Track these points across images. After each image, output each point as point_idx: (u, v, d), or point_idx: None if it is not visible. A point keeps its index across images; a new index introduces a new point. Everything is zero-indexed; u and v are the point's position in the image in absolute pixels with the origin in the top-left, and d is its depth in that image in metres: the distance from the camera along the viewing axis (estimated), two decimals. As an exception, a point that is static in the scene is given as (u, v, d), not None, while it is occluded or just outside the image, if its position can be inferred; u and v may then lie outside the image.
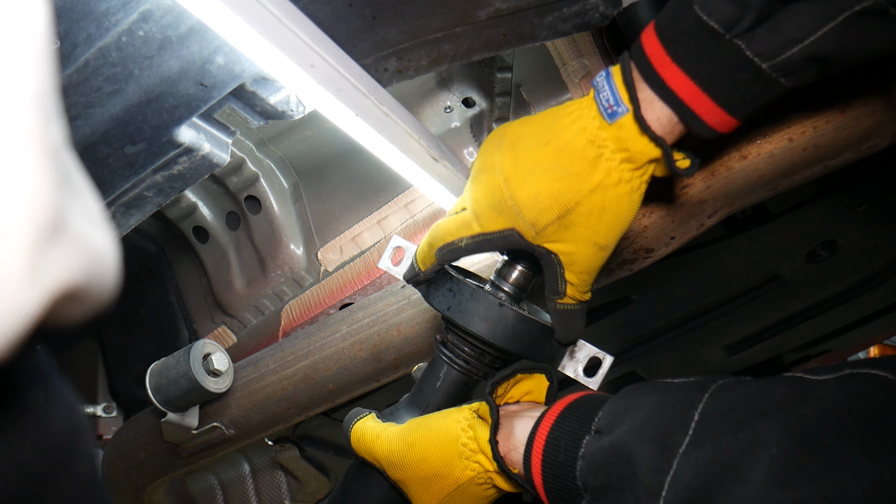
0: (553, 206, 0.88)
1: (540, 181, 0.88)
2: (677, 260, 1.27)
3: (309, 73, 0.90)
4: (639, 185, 0.88)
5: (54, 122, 0.40)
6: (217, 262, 1.79)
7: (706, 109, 0.82)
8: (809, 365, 2.17)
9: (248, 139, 1.66)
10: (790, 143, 1.04)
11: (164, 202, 1.13)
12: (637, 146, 0.84)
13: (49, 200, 0.38)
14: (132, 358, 1.91)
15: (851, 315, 1.88)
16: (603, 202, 0.87)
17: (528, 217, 0.89)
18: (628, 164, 0.86)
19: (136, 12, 0.88)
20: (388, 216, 1.63)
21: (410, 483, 0.97)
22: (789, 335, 1.88)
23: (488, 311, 0.96)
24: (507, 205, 0.90)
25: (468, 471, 0.93)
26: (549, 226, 0.89)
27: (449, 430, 0.95)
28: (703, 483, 0.69)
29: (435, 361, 1.04)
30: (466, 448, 0.93)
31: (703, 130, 0.84)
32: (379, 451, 0.98)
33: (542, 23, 1.07)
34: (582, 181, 0.87)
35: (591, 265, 0.92)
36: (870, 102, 1.02)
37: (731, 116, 0.83)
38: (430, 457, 0.94)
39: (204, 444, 1.59)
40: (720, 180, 1.06)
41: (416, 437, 0.96)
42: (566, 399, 0.92)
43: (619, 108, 0.84)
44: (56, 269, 0.38)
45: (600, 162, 0.86)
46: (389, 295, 1.42)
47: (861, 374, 0.68)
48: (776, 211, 1.44)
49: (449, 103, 1.55)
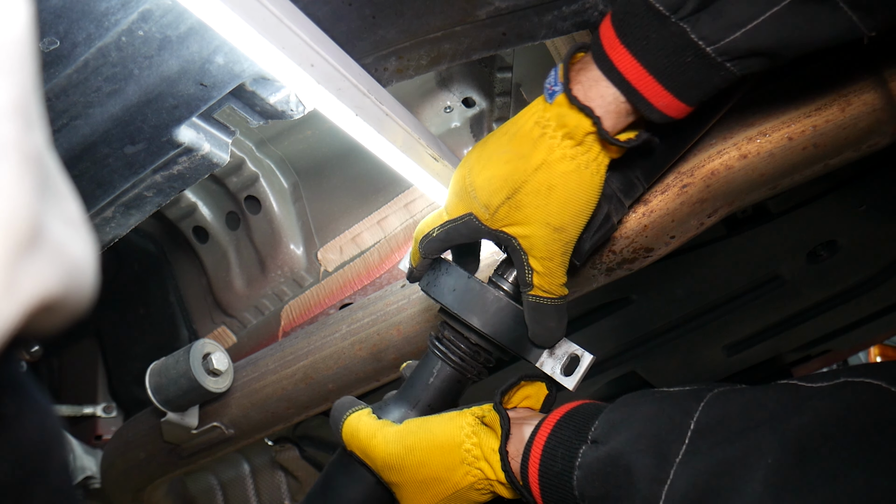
0: (503, 186, 0.90)
1: (494, 165, 0.92)
2: (677, 260, 1.27)
3: (309, 72, 0.90)
4: (586, 163, 0.88)
5: (36, 126, 0.39)
6: (217, 262, 1.79)
7: (653, 92, 0.83)
8: (810, 365, 2.17)
9: (247, 139, 1.66)
10: (790, 143, 1.04)
11: (163, 202, 1.13)
12: (572, 120, 0.86)
13: (26, 211, 0.37)
14: (132, 358, 1.91)
15: (851, 315, 1.88)
16: (549, 180, 0.88)
17: (482, 199, 0.92)
18: (569, 141, 0.87)
19: (135, 12, 0.88)
20: (388, 216, 1.63)
21: (405, 486, 0.96)
22: (789, 335, 1.88)
23: (490, 306, 0.97)
24: (466, 191, 0.94)
25: (469, 476, 0.93)
26: (501, 207, 0.91)
27: (452, 436, 0.94)
28: (699, 493, 0.70)
29: (428, 357, 1.04)
30: (469, 454, 0.93)
31: (651, 113, 0.85)
32: (375, 451, 0.97)
33: (542, 21, 1.07)
34: (527, 160, 0.89)
35: (550, 248, 0.92)
36: (870, 101, 1.02)
37: (679, 100, 0.84)
38: (431, 462, 0.94)
39: (204, 443, 1.59)
40: (720, 180, 1.06)
41: (416, 440, 0.95)
42: (563, 408, 0.92)
43: (556, 88, 0.86)
44: (32, 281, 0.38)
45: (543, 140, 0.88)
46: (389, 295, 1.42)
47: (856, 383, 0.68)
48: (776, 210, 1.44)
49: (449, 103, 1.55)
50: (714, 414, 0.76)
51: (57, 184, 0.43)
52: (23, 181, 0.37)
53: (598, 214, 0.98)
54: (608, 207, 0.98)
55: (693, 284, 1.61)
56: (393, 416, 1.02)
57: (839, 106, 1.02)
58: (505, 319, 0.97)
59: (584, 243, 0.98)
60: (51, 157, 0.42)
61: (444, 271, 1.01)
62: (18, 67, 0.38)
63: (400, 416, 1.02)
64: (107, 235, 1.16)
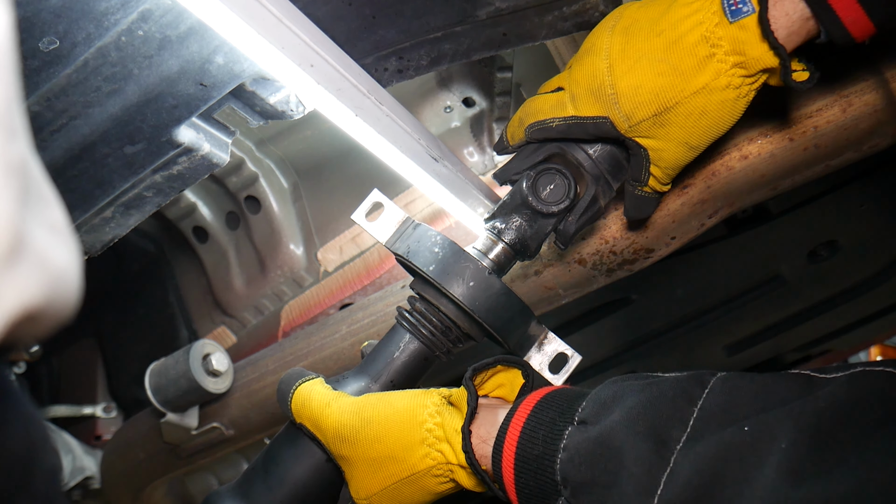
0: (652, 101, 0.85)
1: (644, 73, 0.84)
2: (678, 260, 1.27)
3: (309, 72, 0.90)
4: (747, 92, 0.83)
5: (19, 135, 0.39)
6: (217, 262, 1.79)
7: (844, 4, 0.75)
8: (810, 365, 2.17)
9: (247, 139, 1.66)
10: (791, 143, 1.04)
11: (163, 202, 1.13)
12: (755, 51, 0.79)
13: (8, 222, 0.37)
14: (132, 358, 1.91)
15: (852, 315, 1.88)
16: (705, 105, 0.83)
17: (625, 109, 0.86)
18: (740, 70, 0.81)
19: (135, 12, 0.88)
20: (388, 216, 1.63)
21: (356, 462, 0.87)
22: (790, 335, 1.88)
23: (474, 276, 0.90)
24: (605, 92, 0.87)
25: (428, 459, 0.85)
26: (644, 121, 0.86)
27: (413, 412, 0.86)
28: (705, 480, 0.65)
29: (395, 331, 0.97)
30: (431, 435, 0.85)
31: (836, 30, 0.77)
32: (327, 421, 0.88)
33: (542, 22, 1.07)
34: (687, 80, 0.82)
35: (678, 162, 0.90)
36: (871, 102, 1.01)
37: (870, 18, 0.76)
38: (387, 437, 0.85)
39: (203, 444, 1.59)
40: (721, 180, 1.06)
41: (373, 413, 0.87)
42: (543, 390, 0.85)
43: (744, 7, 0.78)
44: (15, 292, 0.37)
45: (710, 62, 0.81)
46: (389, 295, 1.42)
47: (875, 372, 0.65)
48: (777, 211, 1.44)
49: (449, 103, 1.55)
50: (720, 399, 0.71)
51: (41, 190, 0.42)
52: (5, 192, 0.37)
53: (585, 196, 0.95)
54: (596, 189, 0.96)
55: (693, 284, 1.61)
56: (350, 389, 0.93)
57: (840, 107, 1.02)
58: (501, 304, 0.91)
59: (570, 226, 0.96)
60: (35, 164, 0.42)
61: (426, 236, 0.94)
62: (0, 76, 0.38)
63: (358, 390, 0.93)
64: (107, 235, 1.16)
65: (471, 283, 0.90)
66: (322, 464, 0.92)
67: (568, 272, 1.17)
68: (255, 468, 0.96)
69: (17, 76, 0.39)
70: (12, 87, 0.39)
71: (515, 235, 0.97)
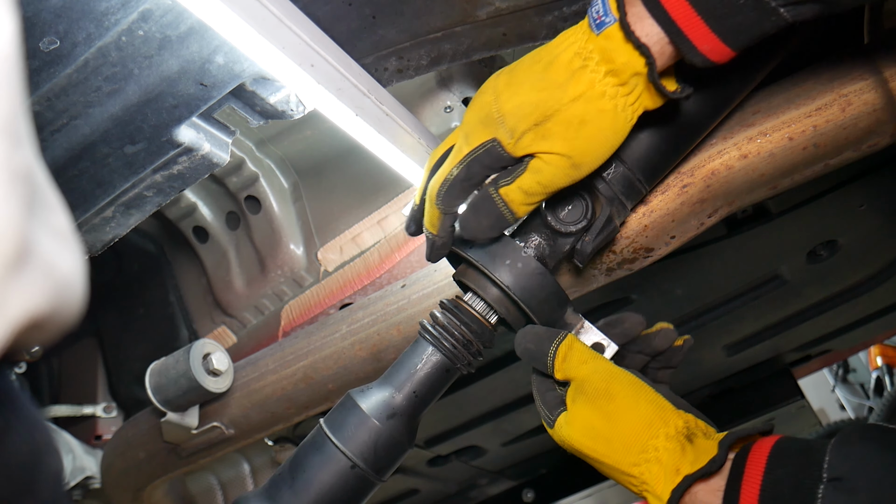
0: (532, 112, 0.86)
1: (526, 92, 0.87)
2: (677, 259, 1.27)
3: (309, 72, 0.90)
4: (624, 105, 0.84)
5: (24, 143, 0.39)
6: (217, 262, 1.79)
7: (698, 34, 0.79)
8: (810, 365, 2.17)
9: (247, 139, 1.66)
10: (790, 143, 1.04)
11: (163, 202, 1.13)
12: (622, 56, 0.81)
13: (14, 231, 0.37)
14: (132, 358, 1.91)
15: (851, 315, 1.88)
16: (583, 114, 0.84)
17: (509, 124, 0.87)
18: (613, 79, 0.83)
19: (135, 12, 0.88)
20: (388, 216, 1.63)
21: (581, 406, 0.89)
22: (790, 335, 1.88)
23: (514, 258, 0.94)
24: (493, 117, 0.89)
25: (636, 468, 0.84)
26: (527, 133, 0.87)
27: (651, 422, 0.85)
28: None
29: (418, 343, 1.01)
30: (654, 454, 0.84)
31: (693, 56, 0.80)
32: (583, 368, 0.90)
33: (542, 22, 1.07)
34: (564, 90, 0.84)
35: (555, 179, 0.88)
36: (870, 101, 1.02)
37: (725, 45, 0.79)
38: (615, 422, 0.86)
39: (204, 443, 1.59)
40: (720, 179, 1.06)
41: (620, 390, 0.87)
42: (760, 441, 0.81)
43: (606, 18, 0.82)
44: (21, 299, 0.38)
45: (584, 73, 0.84)
46: (389, 295, 1.42)
47: None
48: (776, 210, 1.44)
49: (449, 103, 1.55)
50: None
51: (46, 197, 0.42)
52: (10, 200, 0.37)
53: (601, 216, 0.97)
54: (611, 210, 0.98)
55: (693, 284, 1.61)
56: (375, 399, 0.98)
57: (839, 106, 1.02)
58: (538, 284, 0.94)
59: (587, 246, 0.98)
60: (39, 171, 0.42)
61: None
62: (4, 85, 0.38)
63: (383, 400, 0.98)
64: (107, 235, 1.16)
65: (518, 265, 0.94)
66: (347, 470, 0.96)
67: (568, 272, 1.18)
68: (281, 474, 0.98)
69: (23, 84, 0.40)
70: (17, 95, 0.39)
71: (535, 253, 0.99)
